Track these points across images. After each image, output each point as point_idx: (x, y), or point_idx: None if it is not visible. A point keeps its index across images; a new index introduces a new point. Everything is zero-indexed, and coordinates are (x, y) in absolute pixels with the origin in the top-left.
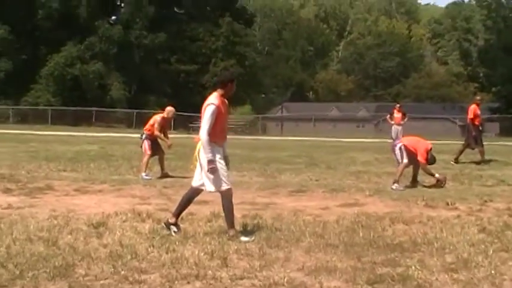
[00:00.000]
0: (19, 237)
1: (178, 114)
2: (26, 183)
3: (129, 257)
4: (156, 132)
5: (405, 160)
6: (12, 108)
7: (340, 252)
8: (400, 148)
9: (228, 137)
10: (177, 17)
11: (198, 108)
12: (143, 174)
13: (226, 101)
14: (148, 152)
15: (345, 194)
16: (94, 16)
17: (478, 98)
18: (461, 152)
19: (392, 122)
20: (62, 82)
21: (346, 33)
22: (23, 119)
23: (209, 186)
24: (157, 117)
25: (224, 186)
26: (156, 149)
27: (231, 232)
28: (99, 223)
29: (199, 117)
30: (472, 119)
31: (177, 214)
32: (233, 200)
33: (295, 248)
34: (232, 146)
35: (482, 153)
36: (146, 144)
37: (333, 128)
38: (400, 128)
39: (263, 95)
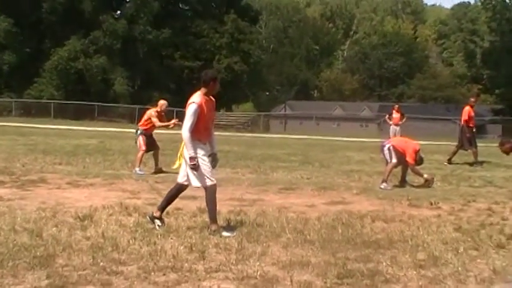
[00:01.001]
0: (4, 228)
1: (180, 110)
2: (20, 175)
3: (109, 249)
4: (158, 123)
5: (394, 160)
6: (15, 101)
7: (317, 248)
8: (389, 148)
9: (228, 134)
10: (182, 13)
11: None
12: (137, 169)
13: (212, 99)
14: (143, 148)
15: (333, 192)
16: (98, 10)
17: (473, 99)
18: (454, 153)
19: (391, 122)
20: (65, 76)
21: (352, 32)
22: (26, 112)
23: (194, 182)
24: (151, 112)
25: (208, 182)
26: (151, 144)
27: (213, 227)
28: (85, 216)
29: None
30: (467, 121)
31: (162, 208)
32: (222, 196)
33: (274, 243)
34: (231, 143)
35: (475, 154)
36: (141, 140)
37: (337, 127)
38: (398, 128)
39: (267, 93)
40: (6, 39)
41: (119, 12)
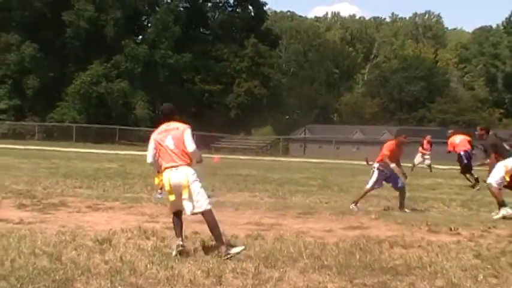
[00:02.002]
0: (25, 251)
1: (200, 134)
2: (41, 199)
3: (127, 273)
4: None
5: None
6: (39, 125)
7: (334, 273)
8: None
9: (247, 157)
10: (202, 38)
11: (220, 128)
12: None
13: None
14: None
15: (351, 217)
16: (121, 35)
17: (450, 131)
18: (469, 179)
19: (426, 152)
20: (87, 100)
21: (372, 56)
22: (49, 135)
23: (189, 208)
24: None
25: (208, 205)
26: None
27: (223, 248)
28: (104, 239)
29: (222, 138)
30: (450, 150)
31: (179, 234)
32: (240, 220)
33: (291, 268)
34: (249, 167)
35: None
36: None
37: (357, 151)
38: (427, 157)
39: (287, 117)
40: (31, 64)
41: (140, 37)
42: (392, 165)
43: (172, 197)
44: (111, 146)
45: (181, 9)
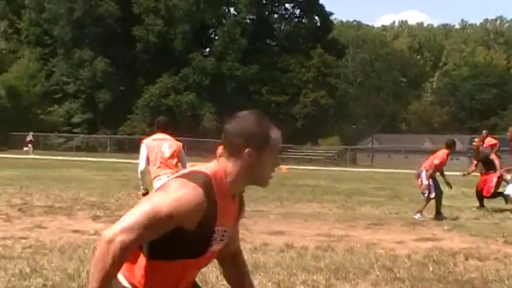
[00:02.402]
0: None
1: None
2: (114, 210)
3: (199, 284)
4: None
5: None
6: (110, 138)
7: (407, 286)
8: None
9: (314, 167)
10: (269, 49)
11: (287, 139)
12: None
13: None
14: None
15: (423, 228)
16: (189, 49)
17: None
18: None
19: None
20: (156, 112)
21: (441, 64)
22: (120, 148)
23: None
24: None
25: None
26: None
27: None
28: None
29: (289, 148)
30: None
31: None
32: (309, 231)
33: (362, 280)
34: (317, 177)
35: None
36: None
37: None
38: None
39: (353, 126)
40: (103, 78)
41: (207, 49)
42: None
43: None
44: None
45: (248, 21)
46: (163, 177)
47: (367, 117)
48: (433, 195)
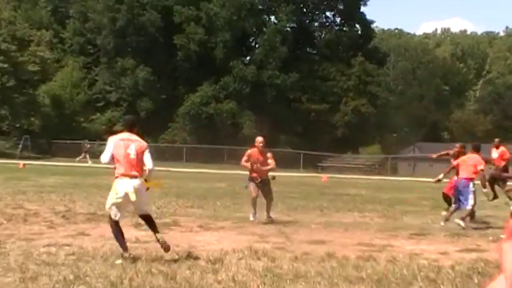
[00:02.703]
0: (142, 270)
1: (307, 153)
2: (155, 218)
3: None
4: (242, 163)
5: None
6: (151, 146)
7: None
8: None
9: (355, 176)
10: (309, 57)
11: (327, 147)
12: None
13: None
14: (253, 194)
15: (467, 238)
16: (229, 57)
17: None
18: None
19: None
20: (197, 121)
21: (485, 72)
22: (160, 156)
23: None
24: (248, 151)
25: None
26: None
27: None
28: (216, 259)
29: (329, 157)
30: None
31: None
32: (350, 241)
33: None
34: (358, 186)
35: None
36: (251, 186)
37: None
38: None
39: (394, 135)
40: (145, 87)
41: (248, 58)
42: None
43: (119, 200)
44: (219, 166)
45: (288, 29)
46: (126, 179)
47: (408, 125)
48: (473, 202)
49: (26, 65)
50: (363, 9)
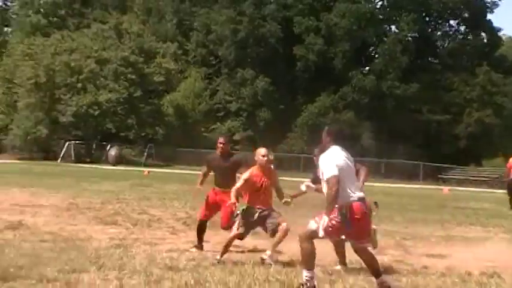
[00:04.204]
0: (259, 278)
1: (428, 164)
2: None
3: None
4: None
5: None
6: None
7: None
8: None
9: (478, 189)
10: (431, 67)
11: (449, 159)
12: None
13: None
14: None
15: None
16: (348, 67)
17: None
18: None
19: None
20: (314, 131)
21: None
22: (278, 165)
23: None
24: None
25: None
26: None
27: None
28: (333, 271)
29: (451, 169)
30: None
31: None
32: (472, 255)
33: None
34: (481, 200)
35: None
36: None
37: None
38: None
39: None
40: (264, 97)
41: (367, 68)
42: None
43: None
44: None
45: (409, 38)
46: None
47: None
48: None
49: (152, 76)
50: (489, 16)
